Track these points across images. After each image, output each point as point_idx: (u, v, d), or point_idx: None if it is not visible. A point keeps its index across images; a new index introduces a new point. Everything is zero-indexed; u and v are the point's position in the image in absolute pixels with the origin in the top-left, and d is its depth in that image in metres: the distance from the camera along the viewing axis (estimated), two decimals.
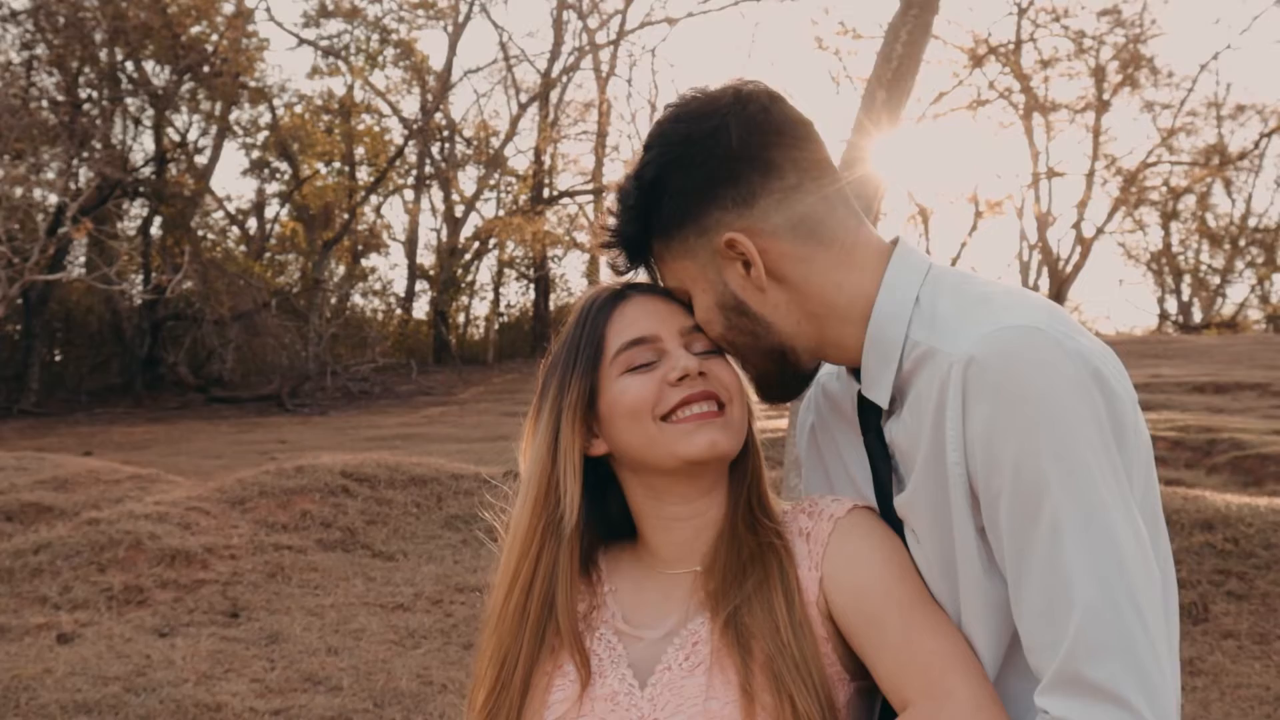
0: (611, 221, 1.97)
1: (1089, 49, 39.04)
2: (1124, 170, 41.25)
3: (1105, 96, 39.92)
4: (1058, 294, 40.61)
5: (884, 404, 1.86)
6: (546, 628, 1.96)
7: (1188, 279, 45.76)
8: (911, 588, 1.83)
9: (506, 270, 42.80)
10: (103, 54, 30.94)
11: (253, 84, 33.38)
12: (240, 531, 9.11)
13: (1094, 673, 1.59)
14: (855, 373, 1.95)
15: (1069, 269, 41.14)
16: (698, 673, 1.85)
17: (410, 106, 40.04)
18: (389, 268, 56.24)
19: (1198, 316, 44.41)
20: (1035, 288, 43.12)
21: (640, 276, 2.03)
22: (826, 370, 2.08)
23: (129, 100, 32.18)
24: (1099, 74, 39.61)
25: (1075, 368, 1.66)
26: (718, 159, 1.85)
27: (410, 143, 37.00)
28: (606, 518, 2.09)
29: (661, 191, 1.88)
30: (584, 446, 1.98)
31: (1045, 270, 42.21)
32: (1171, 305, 45.97)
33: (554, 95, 40.44)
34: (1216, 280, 45.32)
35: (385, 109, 38.16)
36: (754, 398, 2.04)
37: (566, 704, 1.91)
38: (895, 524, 1.90)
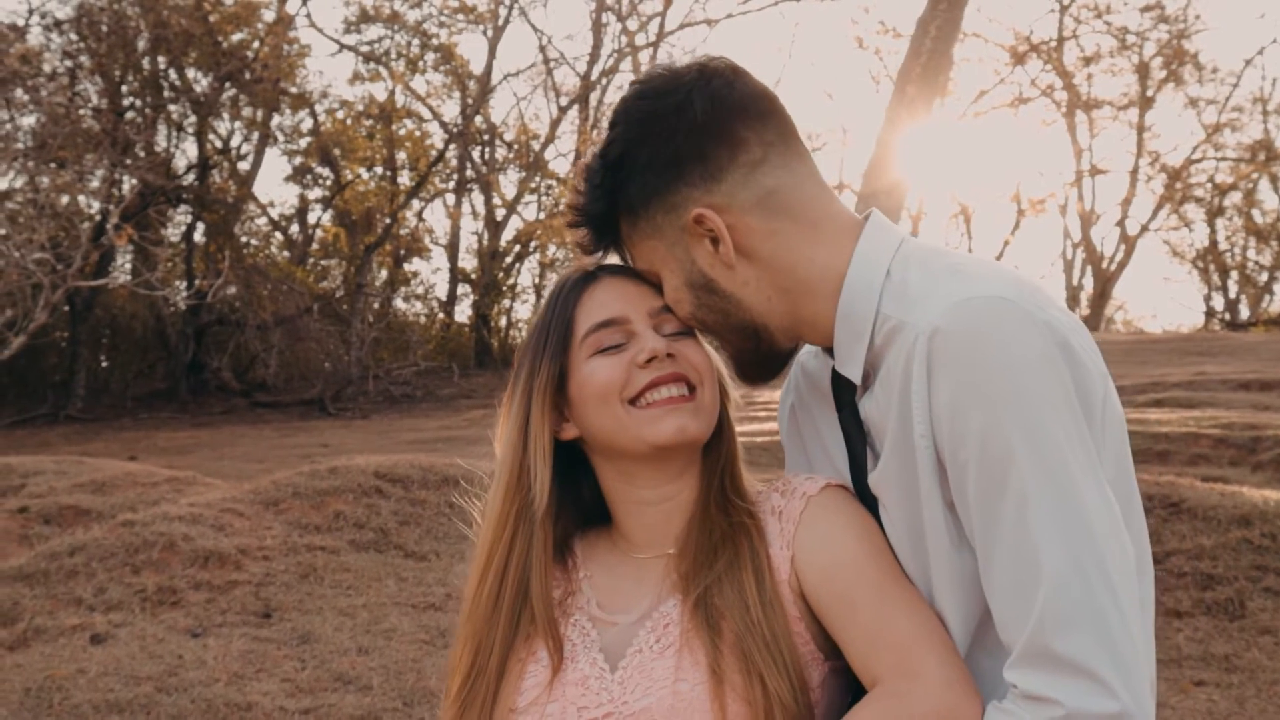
0: (578, 200, 1.94)
1: (1132, 45, 38.83)
2: (1168, 167, 40.92)
3: (1149, 93, 39.64)
4: (1102, 292, 40.36)
5: (857, 379, 1.84)
6: (521, 614, 1.95)
7: (1234, 276, 45.29)
8: (883, 566, 1.81)
9: (548, 273, 42.84)
10: (145, 62, 31.19)
11: (294, 90, 33.53)
12: (273, 533, 9.13)
13: (1063, 646, 1.56)
14: (831, 350, 1.91)
15: (1113, 267, 40.82)
16: (667, 654, 1.83)
17: (451, 111, 40.28)
18: (431, 272, 56.38)
19: (1245, 314, 43.93)
20: (1079, 287, 42.94)
21: (611, 258, 2.02)
22: (806, 350, 2.05)
23: (171, 107, 32.40)
24: (1142, 70, 39.33)
25: (1042, 339, 1.63)
26: (683, 134, 1.83)
27: (451, 147, 37.11)
28: (581, 502, 2.07)
29: (628, 169, 1.86)
30: (554, 430, 1.96)
31: (1089, 269, 41.92)
32: (1218, 302, 45.51)
33: (594, 98, 40.42)
34: (1264, 277, 44.87)
35: (426, 113, 38.34)
36: (729, 379, 2.02)
37: (538, 690, 1.89)
38: (871, 501, 1.88)
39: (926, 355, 1.67)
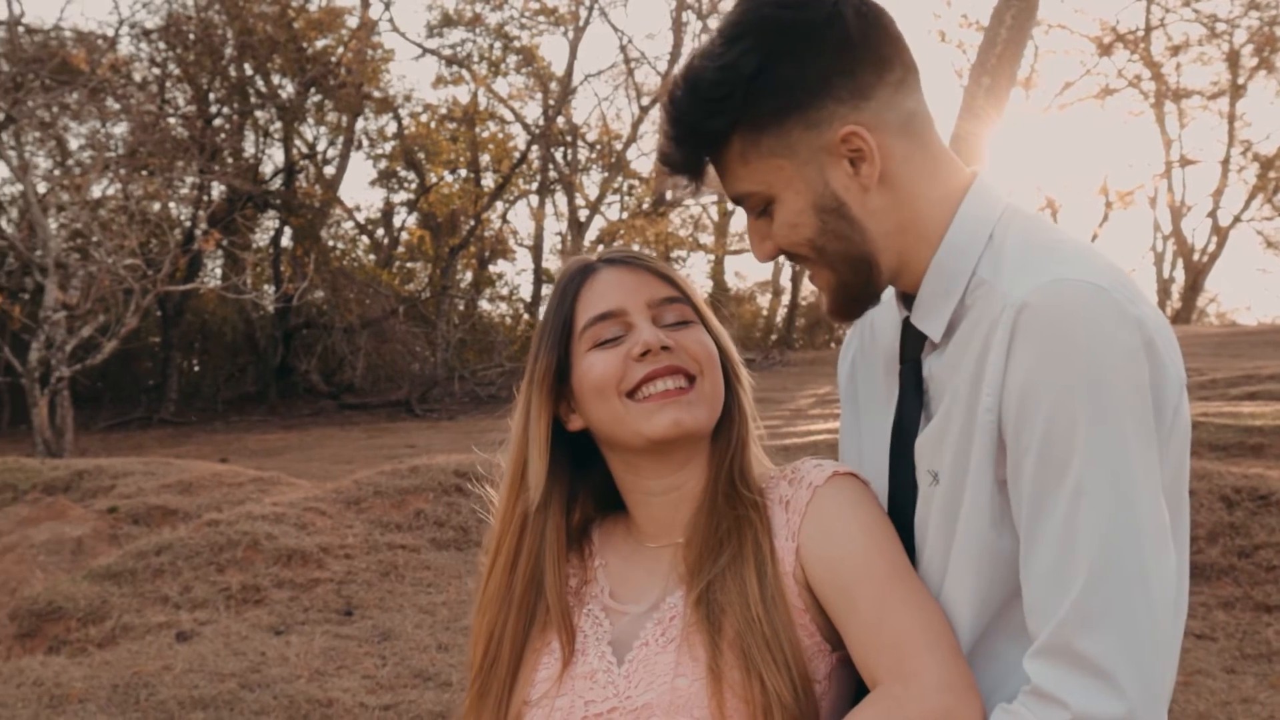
0: (687, 116, 1.78)
1: (1222, 33, 38.07)
2: (1261, 156, 40.03)
3: (1240, 81, 38.87)
4: (1194, 285, 39.68)
5: (936, 336, 1.78)
6: (536, 604, 1.95)
7: None
8: (889, 560, 1.77)
9: None
10: (231, 69, 31.65)
11: (378, 94, 33.83)
12: (355, 531, 9.22)
13: (1086, 644, 1.53)
14: (904, 299, 1.86)
15: (1205, 259, 40.09)
16: (669, 649, 1.82)
17: (533, 112, 40.37)
18: (515, 273, 56.60)
19: None
20: (1170, 279, 42.22)
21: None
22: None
23: (258, 113, 32.84)
24: (1233, 58, 38.54)
25: (1130, 333, 1.58)
26: (833, 49, 1.73)
27: (534, 148, 37.24)
28: (597, 489, 2.06)
29: (764, 83, 1.73)
30: (552, 420, 1.97)
31: (1180, 261, 41.22)
32: None
33: None
34: None
35: (508, 115, 38.41)
36: (741, 364, 2.00)
37: (549, 683, 1.89)
38: (908, 460, 1.83)
39: (1011, 329, 1.62)
